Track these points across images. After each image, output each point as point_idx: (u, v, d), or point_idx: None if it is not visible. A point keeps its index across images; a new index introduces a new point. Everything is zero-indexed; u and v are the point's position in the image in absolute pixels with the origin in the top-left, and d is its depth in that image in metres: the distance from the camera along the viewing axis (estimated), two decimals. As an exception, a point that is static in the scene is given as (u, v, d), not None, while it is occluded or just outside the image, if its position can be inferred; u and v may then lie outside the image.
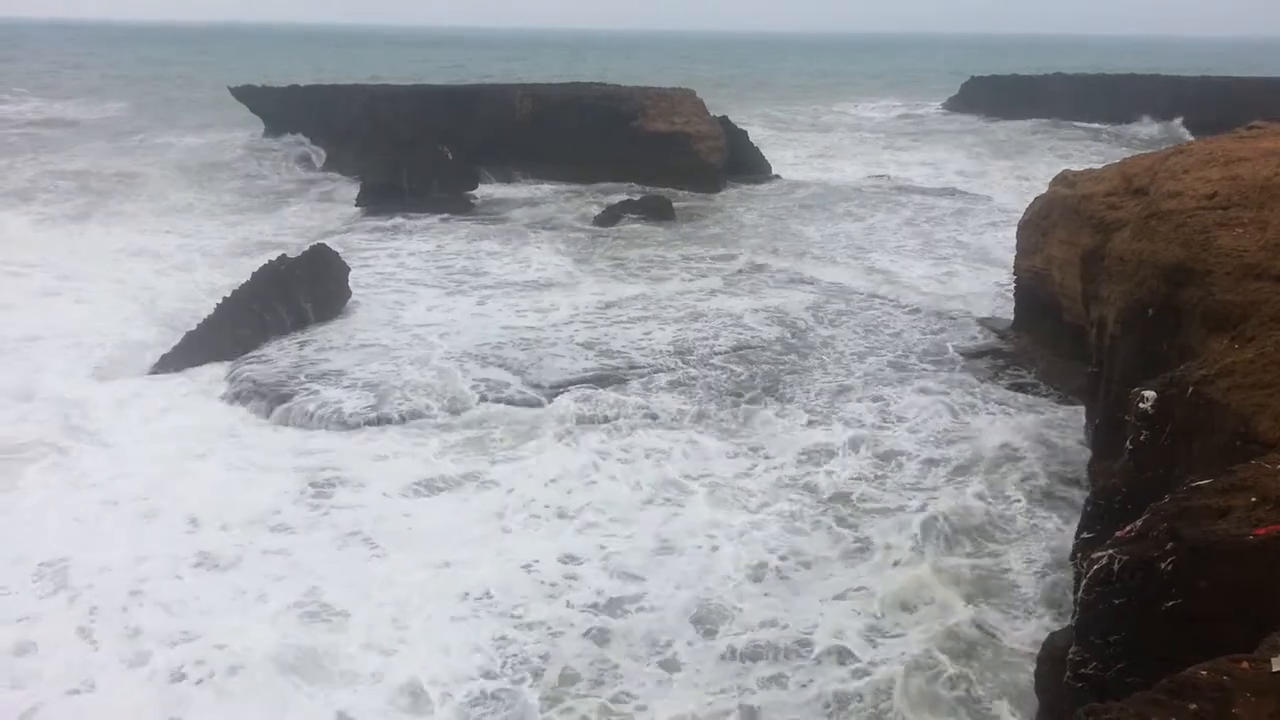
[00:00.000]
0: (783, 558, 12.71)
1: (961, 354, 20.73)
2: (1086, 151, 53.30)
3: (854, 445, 16.12)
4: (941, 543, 13.15)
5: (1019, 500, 14.34)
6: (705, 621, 11.36)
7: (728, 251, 30.19)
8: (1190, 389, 8.96)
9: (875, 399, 18.20)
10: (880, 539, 13.26)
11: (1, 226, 31.89)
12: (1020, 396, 18.39)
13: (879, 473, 15.26)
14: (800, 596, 11.92)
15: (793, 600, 11.83)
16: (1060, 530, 13.29)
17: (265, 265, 22.94)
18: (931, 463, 15.62)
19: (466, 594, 11.77)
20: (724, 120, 45.94)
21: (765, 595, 11.96)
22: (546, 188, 41.13)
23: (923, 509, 14.00)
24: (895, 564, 12.64)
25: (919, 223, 35.02)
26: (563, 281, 26.64)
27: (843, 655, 10.82)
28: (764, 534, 13.26)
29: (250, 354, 20.15)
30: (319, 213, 36.47)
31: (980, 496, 14.44)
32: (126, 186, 39.78)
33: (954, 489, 14.69)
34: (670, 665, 10.66)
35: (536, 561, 12.55)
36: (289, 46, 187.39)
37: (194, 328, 20.67)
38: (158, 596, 11.58)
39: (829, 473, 15.16)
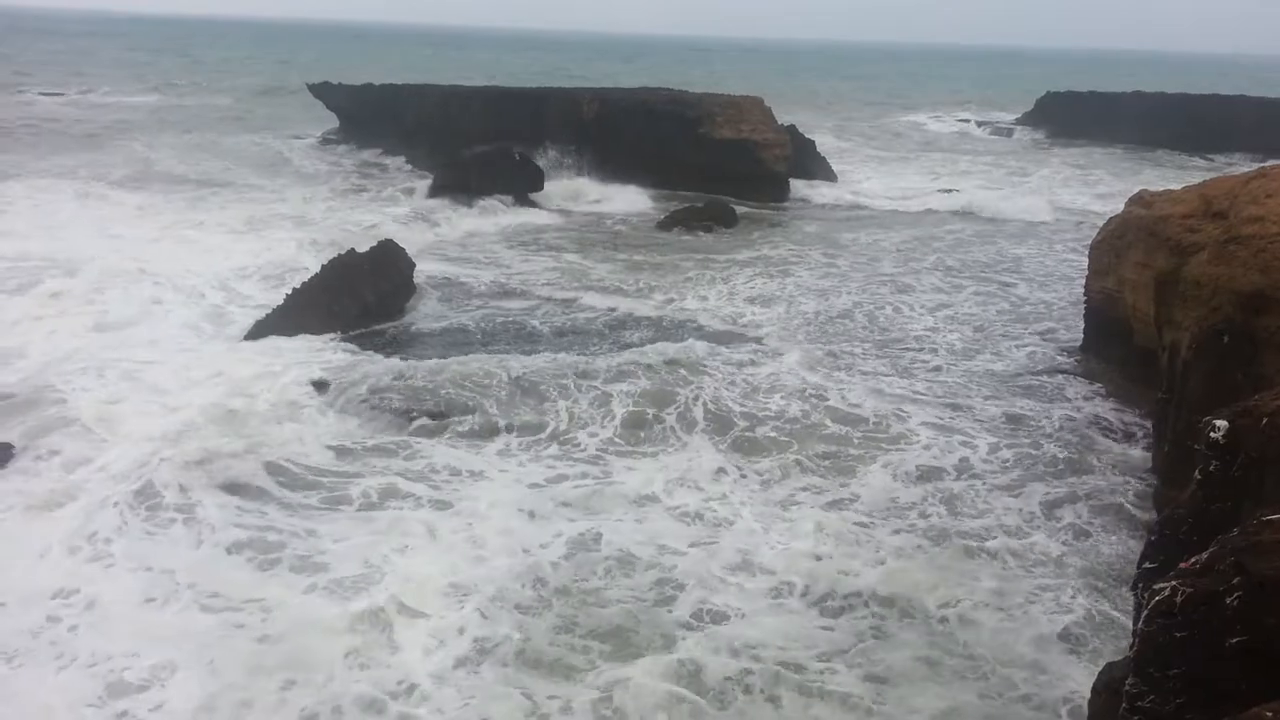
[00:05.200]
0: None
1: (1031, 373, 20.34)
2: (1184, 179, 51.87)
3: (908, 474, 15.89)
4: (996, 560, 12.94)
5: (1079, 524, 14.03)
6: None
7: (789, 257, 30.13)
8: (1265, 419, 8.68)
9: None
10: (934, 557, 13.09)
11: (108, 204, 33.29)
12: (1083, 420, 17.98)
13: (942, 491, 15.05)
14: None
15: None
16: (1121, 557, 12.98)
17: (334, 258, 23.42)
18: (988, 481, 15.37)
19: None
20: (791, 129, 45.70)
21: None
22: (611, 191, 41.23)
23: (979, 529, 13.82)
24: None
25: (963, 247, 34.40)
26: (617, 286, 26.66)
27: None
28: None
29: (320, 343, 20.43)
30: (387, 208, 37.05)
31: (1036, 518, 14.20)
32: (203, 178, 40.97)
33: (1010, 509, 14.44)
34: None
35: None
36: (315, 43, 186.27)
37: (263, 317, 21.21)
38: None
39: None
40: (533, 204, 37.74)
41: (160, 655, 10.45)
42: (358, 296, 22.43)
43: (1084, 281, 21.78)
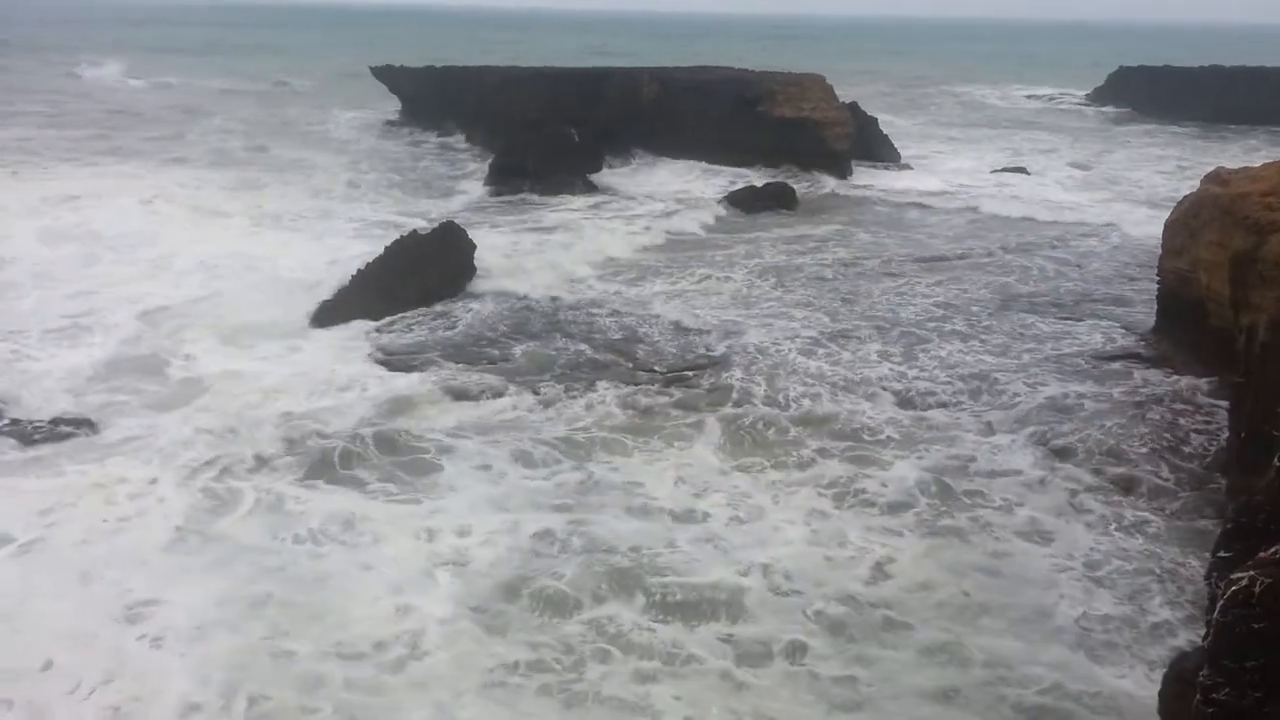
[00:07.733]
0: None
1: (1097, 357, 19.86)
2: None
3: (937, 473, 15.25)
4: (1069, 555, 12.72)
5: (1145, 511, 13.71)
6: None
7: (839, 235, 29.82)
8: (1349, 405, 8.37)
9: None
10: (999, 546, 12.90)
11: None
12: (1149, 403, 17.50)
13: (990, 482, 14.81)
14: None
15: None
16: (1192, 547, 12.66)
17: (396, 240, 23.75)
18: (1026, 470, 15.02)
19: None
20: (853, 107, 45.02)
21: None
22: (670, 170, 41.08)
23: (1017, 519, 13.59)
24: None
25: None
26: (668, 269, 26.52)
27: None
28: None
29: (381, 324, 20.96)
30: (448, 190, 37.43)
31: (1071, 508, 13.87)
32: (267, 161, 41.79)
33: (1072, 498, 14.16)
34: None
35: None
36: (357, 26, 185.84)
37: (329, 298, 21.61)
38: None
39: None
40: (591, 185, 37.75)
41: (170, 589, 11.42)
42: (420, 278, 22.70)
43: (1157, 262, 21.19)
